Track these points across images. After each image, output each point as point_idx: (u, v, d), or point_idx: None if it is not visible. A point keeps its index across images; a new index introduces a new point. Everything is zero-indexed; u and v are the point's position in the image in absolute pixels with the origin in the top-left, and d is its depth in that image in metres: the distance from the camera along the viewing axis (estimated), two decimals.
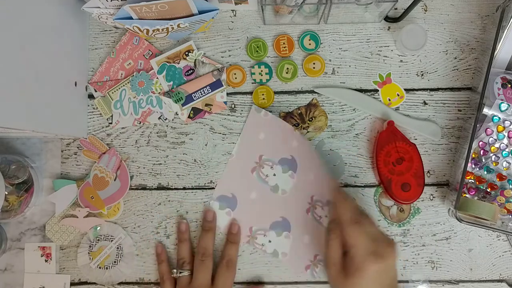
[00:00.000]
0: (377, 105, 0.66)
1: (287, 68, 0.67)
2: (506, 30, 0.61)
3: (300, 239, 0.64)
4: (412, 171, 0.62)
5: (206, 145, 0.68)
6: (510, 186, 0.62)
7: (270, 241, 0.64)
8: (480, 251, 0.66)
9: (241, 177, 0.64)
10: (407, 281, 0.66)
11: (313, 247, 0.63)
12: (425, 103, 0.67)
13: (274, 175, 0.64)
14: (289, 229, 0.63)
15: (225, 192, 0.65)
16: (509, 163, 0.62)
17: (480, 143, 0.62)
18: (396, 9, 0.68)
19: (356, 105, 0.66)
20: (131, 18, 0.59)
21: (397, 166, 0.62)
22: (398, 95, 0.67)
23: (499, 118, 0.62)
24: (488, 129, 0.62)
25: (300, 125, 0.66)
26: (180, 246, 0.65)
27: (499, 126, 0.62)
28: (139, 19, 0.59)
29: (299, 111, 0.66)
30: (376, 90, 0.67)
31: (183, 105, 0.67)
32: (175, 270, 0.63)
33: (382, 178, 0.63)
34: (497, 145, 0.62)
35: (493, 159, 0.62)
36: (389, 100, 0.67)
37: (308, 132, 0.66)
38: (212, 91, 0.67)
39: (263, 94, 0.67)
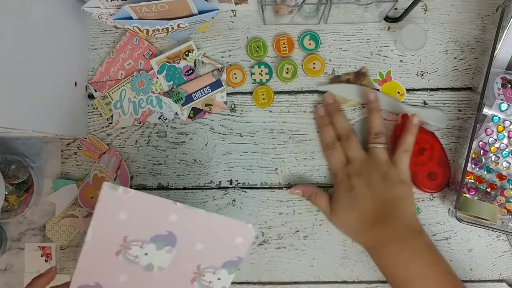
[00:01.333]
0: (383, 98, 0.66)
1: (287, 68, 0.67)
2: (506, 30, 0.61)
3: None
4: (435, 159, 0.63)
5: (206, 145, 0.68)
6: (510, 186, 0.62)
7: None
8: (480, 251, 0.66)
9: (104, 262, 0.53)
10: None
11: None
12: (425, 103, 0.67)
13: (146, 254, 0.53)
14: None
15: (86, 281, 0.53)
16: (509, 163, 0.62)
17: (480, 143, 0.62)
18: (396, 9, 0.68)
19: (361, 99, 0.66)
20: (131, 18, 0.59)
21: (419, 157, 0.62)
22: (398, 92, 0.67)
23: (499, 118, 0.62)
24: (488, 129, 0.62)
25: None
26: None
27: (499, 126, 0.62)
28: (139, 19, 0.59)
29: (347, 77, 0.66)
30: (377, 90, 0.67)
31: (183, 105, 0.67)
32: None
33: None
34: (497, 145, 0.62)
35: (493, 159, 0.62)
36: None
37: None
38: (212, 91, 0.67)
39: (263, 94, 0.67)
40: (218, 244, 0.54)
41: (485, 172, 0.63)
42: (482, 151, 0.62)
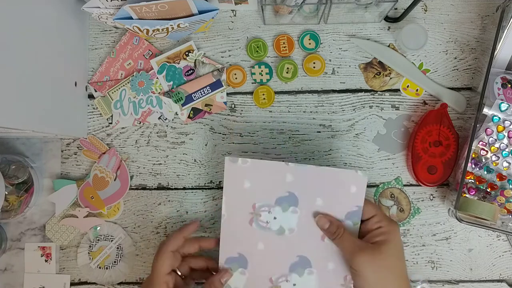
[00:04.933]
0: (407, 65, 0.66)
1: (287, 68, 0.67)
2: (506, 30, 0.61)
3: (325, 270, 0.59)
4: (444, 158, 0.63)
5: (206, 145, 0.68)
6: (510, 186, 0.62)
7: (295, 285, 0.59)
8: (480, 251, 0.66)
9: (241, 233, 0.59)
10: None
11: (341, 270, 0.58)
12: (425, 103, 0.67)
13: (275, 218, 0.59)
14: (310, 264, 0.58)
15: (231, 253, 0.59)
16: (509, 163, 0.62)
17: (480, 143, 0.62)
18: (396, 9, 0.68)
19: (389, 63, 0.67)
20: (131, 18, 0.59)
21: (433, 148, 0.63)
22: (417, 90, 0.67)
23: (499, 118, 0.62)
24: (488, 129, 0.62)
25: (381, 73, 0.66)
26: None
27: (499, 126, 0.62)
28: (139, 19, 0.59)
29: (379, 60, 0.66)
30: (376, 91, 0.67)
31: (183, 105, 0.67)
32: None
33: (414, 153, 0.63)
34: (497, 145, 0.62)
35: (493, 159, 0.62)
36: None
37: (391, 78, 0.66)
38: (212, 92, 0.67)
39: (263, 94, 0.67)
40: (335, 197, 0.58)
41: (485, 172, 0.63)
42: (482, 151, 0.62)
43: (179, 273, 0.60)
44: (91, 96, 0.68)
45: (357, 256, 0.52)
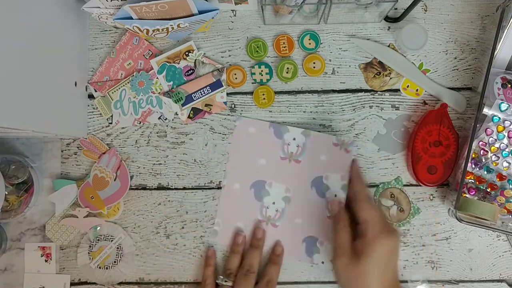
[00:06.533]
0: (407, 65, 0.66)
1: (287, 68, 0.67)
2: (506, 30, 0.61)
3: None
4: (444, 158, 0.63)
5: (206, 145, 0.68)
6: (510, 186, 0.62)
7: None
8: (480, 251, 0.66)
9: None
10: (406, 281, 0.66)
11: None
12: (425, 103, 0.67)
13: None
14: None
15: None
16: (509, 163, 0.62)
17: (480, 143, 0.62)
18: (396, 9, 0.68)
19: (389, 63, 0.67)
20: (131, 18, 0.59)
21: (432, 148, 0.63)
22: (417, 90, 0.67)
23: (499, 118, 0.62)
24: (488, 129, 0.62)
25: (381, 73, 0.66)
26: (231, 257, 0.64)
27: (499, 126, 0.62)
28: (139, 19, 0.59)
29: (379, 60, 0.66)
30: (376, 91, 0.67)
31: (183, 105, 0.67)
32: (221, 277, 0.62)
33: (414, 153, 0.63)
34: (497, 145, 0.62)
35: (493, 159, 0.62)
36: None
37: (391, 78, 0.66)
38: (212, 92, 0.67)
39: (263, 94, 0.67)
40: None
41: (485, 172, 0.63)
42: (482, 151, 0.62)
43: None
44: (91, 96, 0.68)
45: (336, 258, 0.54)
